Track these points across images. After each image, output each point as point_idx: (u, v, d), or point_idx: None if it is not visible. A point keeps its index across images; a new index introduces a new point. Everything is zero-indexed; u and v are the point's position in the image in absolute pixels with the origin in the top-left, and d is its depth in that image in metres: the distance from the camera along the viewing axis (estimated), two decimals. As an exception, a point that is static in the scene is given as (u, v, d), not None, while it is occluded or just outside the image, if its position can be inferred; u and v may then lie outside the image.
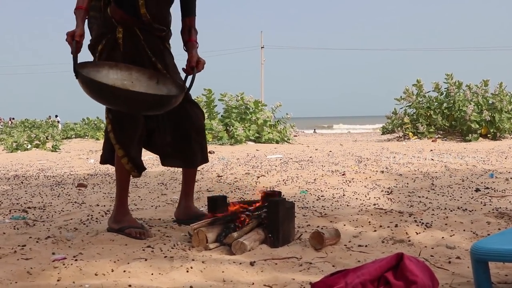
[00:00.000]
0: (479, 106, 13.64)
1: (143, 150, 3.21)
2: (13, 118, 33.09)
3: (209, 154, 3.49)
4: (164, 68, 3.10)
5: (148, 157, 4.45)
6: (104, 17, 3.03)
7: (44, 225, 3.38)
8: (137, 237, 2.91)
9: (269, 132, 14.32)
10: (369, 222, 3.26)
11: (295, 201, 4.05)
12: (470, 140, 12.91)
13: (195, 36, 3.21)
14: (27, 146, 15.06)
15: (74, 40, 2.73)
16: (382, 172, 6.28)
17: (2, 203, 4.47)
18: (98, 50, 3.04)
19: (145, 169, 3.16)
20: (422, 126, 13.97)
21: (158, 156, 3.39)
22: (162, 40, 3.16)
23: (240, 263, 2.37)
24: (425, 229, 3.06)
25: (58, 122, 30.96)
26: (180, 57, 3.29)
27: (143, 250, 2.64)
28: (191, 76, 3.06)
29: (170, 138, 3.18)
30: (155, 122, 3.15)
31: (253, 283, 2.14)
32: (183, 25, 3.23)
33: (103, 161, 3.29)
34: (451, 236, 2.88)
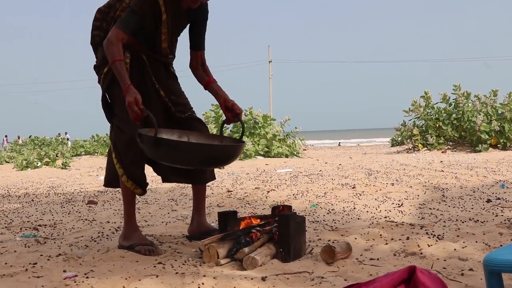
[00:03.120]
0: (489, 116, 13.59)
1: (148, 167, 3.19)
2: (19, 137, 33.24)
3: (219, 169, 3.50)
4: (166, 96, 3.14)
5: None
6: None
7: (55, 242, 3.39)
8: (146, 255, 2.91)
9: (278, 146, 14.34)
10: (381, 235, 3.24)
11: (305, 215, 4.04)
12: (480, 151, 12.85)
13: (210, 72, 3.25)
14: (37, 163, 15.16)
15: (141, 109, 2.72)
16: (393, 184, 6.25)
17: (13, 221, 4.49)
18: (103, 72, 3.07)
19: (148, 184, 3.14)
20: (431, 137, 13.92)
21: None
22: (165, 66, 3.20)
23: (252, 278, 2.36)
24: (437, 241, 3.04)
25: (68, 139, 31.11)
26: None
27: (154, 266, 2.63)
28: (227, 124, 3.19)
29: None
30: None
31: (264, 298, 2.13)
32: (195, 58, 3.23)
33: (106, 183, 3.28)
34: (463, 247, 2.86)
